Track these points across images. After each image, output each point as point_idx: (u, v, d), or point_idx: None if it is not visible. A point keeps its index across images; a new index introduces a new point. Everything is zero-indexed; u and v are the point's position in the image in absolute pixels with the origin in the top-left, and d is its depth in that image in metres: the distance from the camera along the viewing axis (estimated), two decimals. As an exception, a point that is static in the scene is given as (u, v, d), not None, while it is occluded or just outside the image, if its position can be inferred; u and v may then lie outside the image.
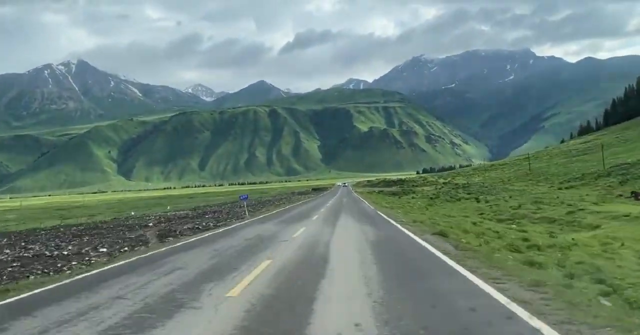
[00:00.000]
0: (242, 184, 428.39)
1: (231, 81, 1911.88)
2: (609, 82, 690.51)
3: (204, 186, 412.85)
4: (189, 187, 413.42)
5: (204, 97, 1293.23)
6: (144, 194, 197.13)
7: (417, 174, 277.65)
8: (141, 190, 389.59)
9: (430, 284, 7.30)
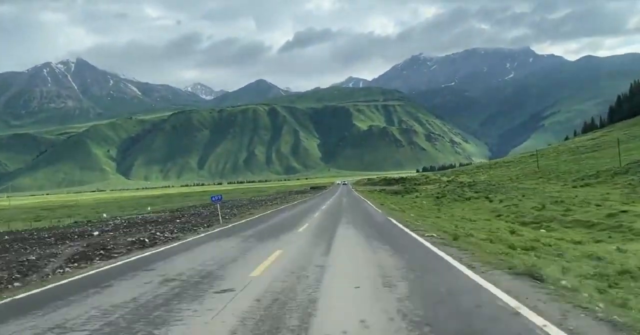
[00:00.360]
0: (241, 182, 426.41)
1: (231, 80, 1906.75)
2: (609, 80, 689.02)
3: (203, 185, 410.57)
4: (187, 185, 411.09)
5: (203, 96, 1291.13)
6: (140, 193, 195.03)
7: (417, 172, 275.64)
8: (139, 189, 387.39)
9: None
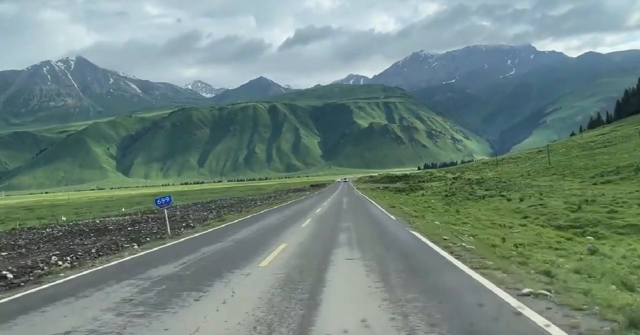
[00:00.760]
0: (242, 180, 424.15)
1: (231, 77, 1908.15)
2: (610, 76, 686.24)
3: (202, 183, 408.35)
4: (187, 183, 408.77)
5: (203, 94, 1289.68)
6: (137, 192, 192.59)
7: (419, 169, 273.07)
8: (138, 187, 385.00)
9: None
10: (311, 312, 5.85)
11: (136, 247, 14.23)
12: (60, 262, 11.78)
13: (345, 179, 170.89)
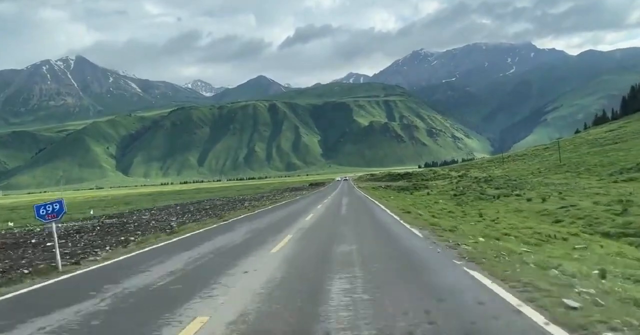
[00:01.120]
0: (241, 179, 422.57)
1: (231, 76, 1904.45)
2: (610, 74, 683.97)
3: (202, 182, 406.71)
4: (186, 183, 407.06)
5: (203, 93, 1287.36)
6: (134, 191, 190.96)
7: (420, 167, 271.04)
8: (137, 186, 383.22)
9: None
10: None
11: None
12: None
13: (345, 178, 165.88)
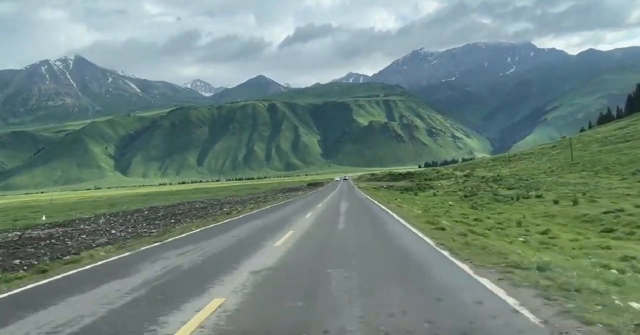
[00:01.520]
0: (240, 179, 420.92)
1: (230, 76, 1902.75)
2: (611, 74, 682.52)
3: (201, 182, 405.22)
4: (185, 183, 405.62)
5: (202, 93, 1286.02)
6: (131, 191, 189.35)
7: (419, 167, 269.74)
8: (135, 186, 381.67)
9: None
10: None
11: None
12: None
13: (345, 177, 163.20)
